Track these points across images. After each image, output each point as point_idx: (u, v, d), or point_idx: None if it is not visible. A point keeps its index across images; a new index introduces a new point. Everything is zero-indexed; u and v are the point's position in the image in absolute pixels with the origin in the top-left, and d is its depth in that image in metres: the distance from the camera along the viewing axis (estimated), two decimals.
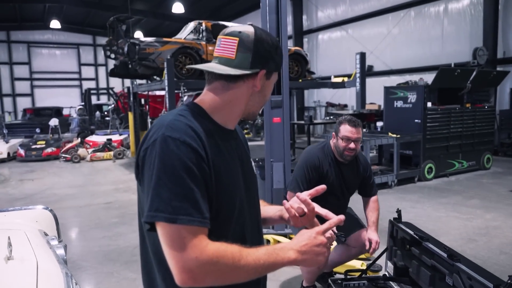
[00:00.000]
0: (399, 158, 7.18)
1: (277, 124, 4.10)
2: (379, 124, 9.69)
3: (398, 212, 2.79)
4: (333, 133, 2.84)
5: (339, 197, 2.86)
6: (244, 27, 1.11)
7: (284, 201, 1.20)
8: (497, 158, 9.68)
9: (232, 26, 1.13)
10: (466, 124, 8.11)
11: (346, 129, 2.74)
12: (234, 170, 1.10)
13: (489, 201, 6.12)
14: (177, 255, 0.92)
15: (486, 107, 8.49)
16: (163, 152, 0.95)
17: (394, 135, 7.25)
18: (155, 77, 10.09)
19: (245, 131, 16.09)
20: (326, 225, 1.08)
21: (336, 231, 2.58)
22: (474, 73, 8.08)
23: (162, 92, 13.72)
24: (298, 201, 1.19)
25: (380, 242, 2.80)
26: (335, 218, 1.10)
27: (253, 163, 1.28)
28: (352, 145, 2.73)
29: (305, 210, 1.18)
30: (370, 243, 2.78)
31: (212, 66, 1.10)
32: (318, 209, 1.17)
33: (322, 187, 1.21)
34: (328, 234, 1.06)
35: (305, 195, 1.19)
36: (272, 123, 4.07)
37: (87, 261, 4.14)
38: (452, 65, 11.08)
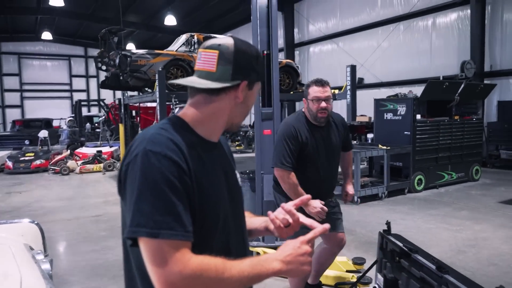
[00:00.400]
0: (389, 170, 7.23)
1: (267, 136, 4.11)
2: (370, 136, 9.78)
3: (388, 224, 2.80)
4: (304, 99, 2.84)
5: (326, 163, 2.81)
6: (223, 39, 1.11)
7: (269, 212, 1.20)
8: (486, 170, 9.79)
9: (213, 39, 1.13)
10: (455, 136, 8.21)
11: (314, 90, 2.74)
12: (218, 182, 1.10)
13: (478, 212, 6.17)
14: (160, 270, 0.91)
15: (474, 119, 8.62)
16: (145, 166, 0.95)
17: (384, 147, 7.31)
18: (146, 89, 10.08)
19: (237, 143, 16.09)
20: (310, 234, 1.08)
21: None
22: (462, 86, 8.22)
23: (154, 104, 13.69)
24: (283, 212, 1.19)
25: (354, 194, 3.04)
26: (319, 227, 1.10)
27: (238, 175, 1.28)
28: (323, 104, 2.71)
29: (290, 220, 1.18)
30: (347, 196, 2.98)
31: (193, 81, 1.10)
32: (303, 219, 1.17)
33: (307, 197, 1.21)
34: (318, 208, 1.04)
35: (291, 205, 1.19)
36: (263, 135, 4.07)
37: (74, 276, 4.07)
38: (441, 78, 11.24)
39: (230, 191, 1.16)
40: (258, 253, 4.03)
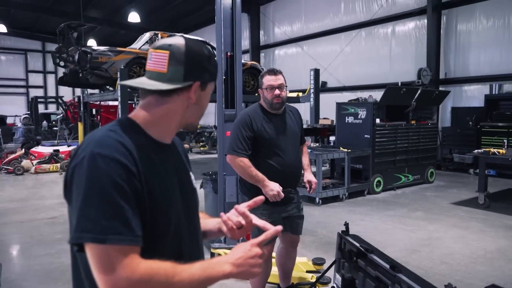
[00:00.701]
0: (350, 172, 7.41)
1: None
2: (332, 138, 9.98)
3: (346, 225, 2.87)
4: (259, 89, 2.93)
5: (289, 148, 2.85)
6: (174, 39, 1.10)
7: (222, 213, 1.20)
8: (440, 172, 10.26)
9: (163, 39, 1.12)
10: (411, 140, 8.54)
11: (267, 80, 2.83)
12: (170, 184, 1.08)
13: (432, 213, 6.44)
14: (107, 277, 0.88)
15: (429, 124, 9.01)
16: (92, 170, 0.93)
17: (346, 150, 7.48)
18: (107, 87, 9.81)
19: (201, 143, 15.97)
20: (262, 237, 1.09)
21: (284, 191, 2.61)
22: (419, 92, 8.56)
23: (116, 102, 13.37)
24: (236, 214, 1.19)
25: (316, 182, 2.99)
26: (271, 229, 1.11)
27: (193, 177, 1.27)
28: (277, 91, 2.79)
29: (243, 222, 1.18)
30: (311, 185, 2.98)
31: (143, 82, 1.08)
32: (256, 221, 1.18)
33: (260, 198, 1.22)
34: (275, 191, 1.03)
35: (244, 207, 1.20)
36: (226, 136, 4.06)
37: (26, 281, 3.88)
38: (399, 84, 11.69)
39: (184, 193, 1.15)
40: (219, 255, 4.01)
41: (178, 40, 1.10)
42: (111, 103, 15.20)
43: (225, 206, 4.10)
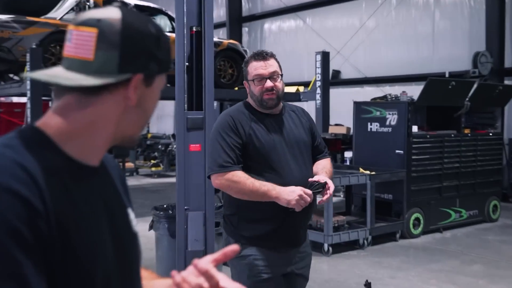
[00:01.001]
0: (374, 205, 7.44)
1: (195, 153, 4.09)
2: (348, 155, 10.04)
3: (367, 285, 2.88)
4: (244, 81, 2.96)
5: (291, 163, 2.89)
6: (107, 11, 1.10)
7: (174, 272, 1.18)
8: (507, 206, 10.36)
9: (92, 11, 1.11)
10: (465, 158, 8.66)
11: (254, 67, 2.87)
12: (96, 227, 1.08)
13: (496, 267, 6.49)
14: None
15: (490, 134, 9.16)
16: None
17: (368, 172, 7.53)
18: (11, 75, 9.71)
19: (152, 161, 15.90)
20: None
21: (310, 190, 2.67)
22: (475, 86, 8.71)
23: (23, 99, 13.21)
24: (196, 273, 1.17)
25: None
26: None
27: (133, 215, 1.26)
28: (268, 83, 2.83)
29: (205, 286, 1.16)
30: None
31: (58, 74, 1.07)
32: (226, 283, 1.17)
33: (233, 248, 1.20)
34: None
35: (208, 262, 1.18)
36: (188, 152, 4.05)
37: None
38: (446, 75, 11.88)
39: (117, 240, 1.14)
40: None
41: (111, 12, 1.09)
42: (16, 99, 15.03)
43: (186, 258, 4.07)
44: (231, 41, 10.93)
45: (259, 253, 2.83)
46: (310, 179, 2.80)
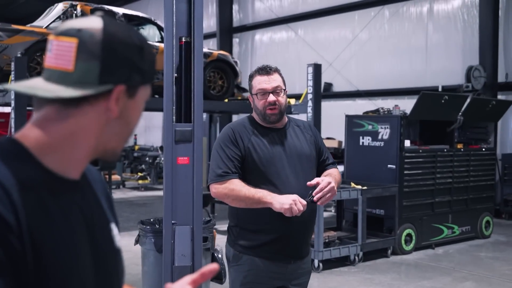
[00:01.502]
0: (365, 220, 7.46)
1: (183, 166, 4.08)
2: (339, 169, 10.05)
3: None
4: (249, 95, 3.09)
5: (291, 179, 2.93)
6: (87, 21, 1.10)
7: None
8: (500, 222, 10.45)
9: (72, 21, 1.11)
10: (457, 173, 8.71)
11: (257, 81, 2.99)
12: (73, 242, 1.07)
13: (489, 284, 6.52)
14: None
15: (483, 149, 9.24)
16: None
17: (359, 187, 7.56)
18: None
19: (140, 174, 15.85)
20: None
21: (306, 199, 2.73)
22: (468, 101, 8.79)
23: (7, 109, 13.14)
24: None
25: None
26: None
27: (116, 231, 1.25)
28: (271, 97, 2.92)
29: None
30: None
31: (36, 86, 1.07)
32: None
33: (211, 269, 1.20)
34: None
35: (185, 284, 1.18)
36: (176, 165, 4.04)
37: None
38: (440, 89, 11.97)
39: (98, 256, 1.13)
40: None
41: (93, 22, 1.09)
42: (0, 109, 14.95)
43: (173, 273, 4.04)
44: (222, 52, 10.97)
45: (255, 263, 2.90)
46: (308, 183, 2.82)
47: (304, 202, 2.71)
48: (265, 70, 2.99)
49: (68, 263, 1.04)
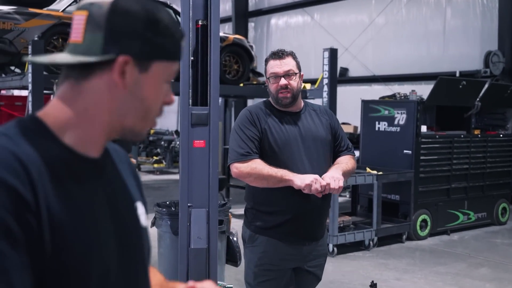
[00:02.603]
0: (380, 205, 7.46)
1: (199, 149, 4.09)
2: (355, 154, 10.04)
3: (373, 286, 2.89)
4: (266, 80, 3.17)
5: (307, 160, 2.99)
6: None
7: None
8: None
9: None
10: (474, 159, 8.67)
11: (270, 66, 3.06)
12: (93, 219, 1.07)
13: (505, 271, 6.50)
14: None
15: (501, 135, 9.16)
16: None
17: (375, 172, 7.54)
18: (12, 67, 9.74)
19: (155, 158, 15.93)
20: None
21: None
22: (486, 86, 8.71)
23: (24, 92, 13.24)
24: None
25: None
26: None
27: (143, 210, 1.25)
28: (282, 81, 2.98)
29: None
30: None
31: (54, 57, 1.10)
32: None
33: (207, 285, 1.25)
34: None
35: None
36: (192, 148, 4.05)
37: None
38: (457, 74, 11.86)
39: (120, 234, 1.14)
40: None
41: None
42: (17, 92, 15.08)
43: (189, 256, 4.07)
44: (237, 36, 10.95)
45: (270, 244, 2.95)
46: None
47: (324, 183, 2.75)
48: (278, 55, 3.04)
49: (87, 240, 1.04)
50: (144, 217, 1.26)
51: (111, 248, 1.10)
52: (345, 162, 3.10)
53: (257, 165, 2.87)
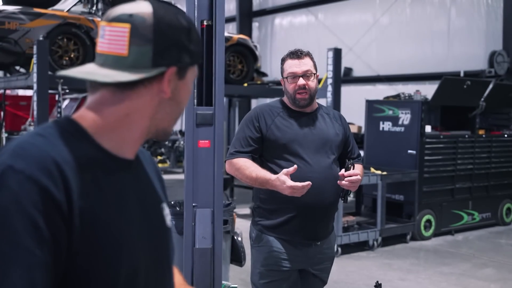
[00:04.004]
0: (385, 206, 7.46)
1: (204, 149, 4.10)
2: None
3: (378, 286, 2.89)
4: (281, 79, 3.16)
5: (318, 160, 2.99)
6: (137, 5, 1.13)
7: None
8: None
9: (120, 6, 1.14)
10: (478, 159, 8.65)
11: (289, 65, 3.06)
12: (125, 219, 1.10)
13: (509, 271, 6.50)
14: None
15: (505, 135, 9.14)
16: None
17: (379, 172, 7.54)
18: (17, 67, 9.77)
19: (159, 158, 15.94)
20: None
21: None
22: (491, 86, 8.69)
23: (29, 92, 13.27)
24: None
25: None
26: None
27: (167, 210, 1.30)
28: (301, 81, 2.97)
29: None
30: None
31: (93, 71, 1.11)
32: None
33: None
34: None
35: None
36: (197, 148, 4.06)
37: None
38: (462, 74, 11.83)
39: (150, 234, 1.17)
40: None
41: (142, 7, 1.12)
42: (21, 92, 15.10)
43: (194, 255, 4.09)
44: (241, 36, 10.95)
45: (277, 244, 2.96)
46: (340, 172, 2.88)
47: (304, 184, 2.68)
48: (296, 54, 3.04)
49: (119, 240, 1.07)
50: (169, 218, 1.30)
51: (140, 248, 1.13)
52: (360, 170, 3.09)
53: (240, 166, 2.95)
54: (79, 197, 1.01)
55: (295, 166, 2.76)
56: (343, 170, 2.87)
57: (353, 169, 2.89)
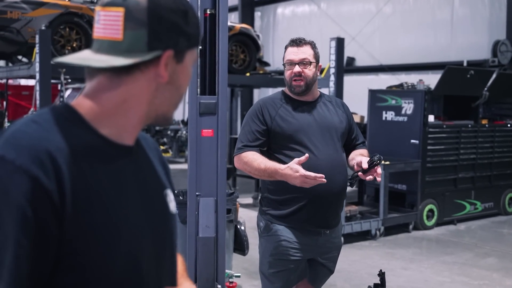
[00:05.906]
0: (387, 195, 7.46)
1: (208, 139, 4.10)
2: None
3: (381, 275, 2.90)
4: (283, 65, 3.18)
5: (324, 147, 3.00)
6: None
7: None
8: None
9: None
10: (481, 149, 8.64)
11: (287, 53, 3.07)
12: (123, 205, 1.09)
13: (510, 261, 6.50)
14: None
15: (509, 125, 9.12)
16: None
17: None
18: (19, 57, 9.77)
19: (162, 147, 15.96)
20: None
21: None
22: (494, 76, 8.66)
23: (31, 82, 13.28)
24: None
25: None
26: None
27: (171, 197, 1.29)
28: (296, 68, 2.98)
29: None
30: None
31: (88, 57, 1.10)
32: None
33: None
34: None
35: None
36: (201, 137, 4.07)
37: None
38: (465, 64, 11.81)
39: (152, 221, 1.16)
40: None
41: None
42: (23, 82, 15.12)
43: (197, 244, 4.10)
44: (244, 25, 10.91)
45: (286, 233, 2.96)
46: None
47: (318, 175, 2.67)
48: (296, 42, 3.04)
49: (115, 223, 1.06)
50: (174, 204, 1.28)
51: (140, 234, 1.12)
52: (366, 155, 3.08)
53: (248, 159, 2.91)
54: (73, 184, 1.00)
55: (307, 155, 2.73)
56: (365, 161, 2.84)
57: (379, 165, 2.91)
